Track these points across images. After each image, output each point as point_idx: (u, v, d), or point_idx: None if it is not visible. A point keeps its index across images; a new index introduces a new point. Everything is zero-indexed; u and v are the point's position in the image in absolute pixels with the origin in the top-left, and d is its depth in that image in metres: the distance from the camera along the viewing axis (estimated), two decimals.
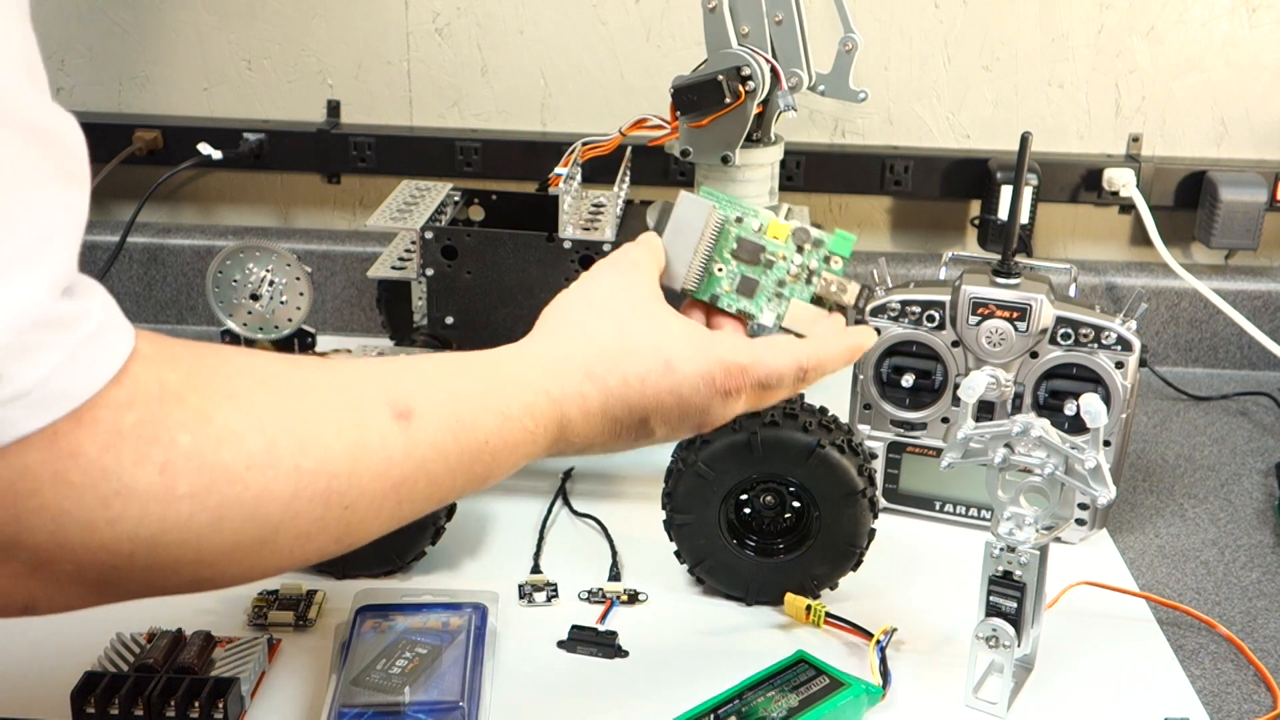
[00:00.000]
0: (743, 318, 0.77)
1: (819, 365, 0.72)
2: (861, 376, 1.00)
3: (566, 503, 1.01)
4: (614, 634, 0.84)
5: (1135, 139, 1.34)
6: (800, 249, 0.76)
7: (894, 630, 0.83)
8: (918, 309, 0.97)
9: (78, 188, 0.50)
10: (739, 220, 0.76)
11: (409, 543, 0.89)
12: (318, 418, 0.55)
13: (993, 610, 0.78)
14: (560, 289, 0.97)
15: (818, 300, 0.77)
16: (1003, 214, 1.29)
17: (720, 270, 0.76)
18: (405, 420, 0.58)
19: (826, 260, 0.76)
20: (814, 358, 0.72)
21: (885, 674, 0.80)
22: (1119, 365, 0.94)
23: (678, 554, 0.89)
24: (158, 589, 0.53)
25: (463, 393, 0.62)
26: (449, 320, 0.98)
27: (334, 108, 1.36)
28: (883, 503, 1.00)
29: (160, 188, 1.35)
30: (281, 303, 1.10)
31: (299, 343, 1.13)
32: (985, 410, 0.97)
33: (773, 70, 0.94)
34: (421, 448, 0.59)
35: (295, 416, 0.54)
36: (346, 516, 0.56)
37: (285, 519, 0.53)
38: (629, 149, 1.09)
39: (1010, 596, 0.77)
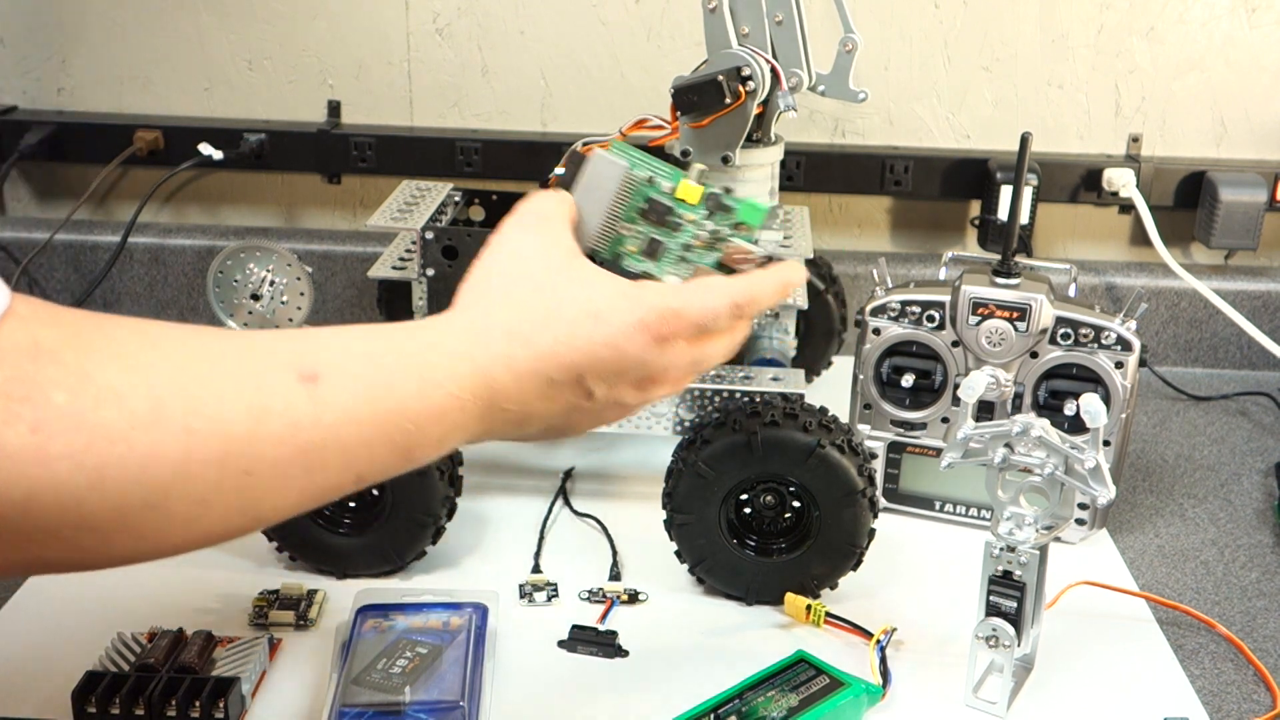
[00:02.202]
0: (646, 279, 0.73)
1: (752, 300, 0.69)
2: (861, 376, 1.00)
3: (567, 503, 1.02)
4: (614, 634, 0.85)
5: (1135, 139, 1.34)
6: (710, 214, 0.73)
7: (894, 630, 0.84)
8: (918, 309, 0.97)
9: None
10: (650, 180, 0.73)
11: (409, 542, 0.89)
12: (213, 379, 0.53)
13: (993, 610, 0.78)
14: None
15: (723, 268, 0.74)
16: (1003, 214, 1.29)
17: (627, 230, 0.73)
18: (311, 383, 0.55)
19: (735, 228, 0.74)
20: (746, 293, 0.69)
21: (885, 674, 0.80)
22: (1119, 365, 0.94)
23: (678, 554, 0.89)
24: (41, 558, 0.50)
25: (377, 356, 0.59)
26: None
27: (334, 108, 1.36)
28: (883, 503, 1.00)
29: (161, 188, 1.35)
30: (282, 303, 1.10)
31: None
32: (985, 410, 0.97)
33: (773, 70, 0.94)
34: (331, 411, 0.56)
35: (187, 377, 0.52)
36: (248, 484, 0.53)
37: (176, 483, 0.51)
38: None
39: (1010, 596, 0.78)
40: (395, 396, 0.58)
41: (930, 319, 0.97)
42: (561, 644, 0.84)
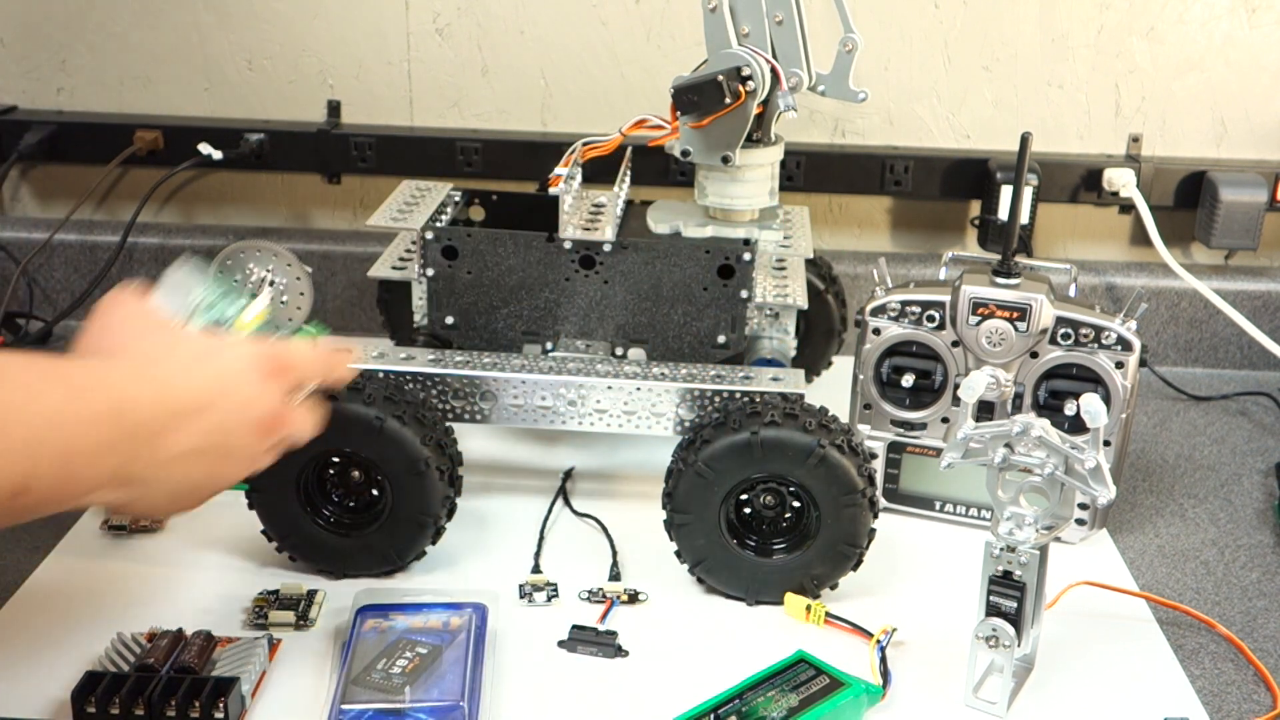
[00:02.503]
0: None
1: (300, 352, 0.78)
2: (861, 376, 1.00)
3: (567, 503, 1.02)
4: (614, 634, 0.84)
5: (1135, 139, 1.34)
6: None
7: (894, 630, 0.84)
8: (918, 309, 0.97)
9: None
10: (211, 305, 0.81)
11: (409, 542, 0.89)
12: None
13: (993, 610, 0.78)
14: (560, 289, 0.97)
15: None
16: (1003, 214, 1.29)
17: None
18: None
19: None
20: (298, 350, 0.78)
21: (885, 674, 0.80)
22: (1119, 365, 0.94)
23: (678, 554, 0.89)
24: None
25: (32, 370, 0.64)
26: (449, 320, 0.99)
27: (334, 108, 1.36)
28: (883, 503, 1.00)
29: (161, 188, 1.35)
30: (282, 303, 1.10)
31: None
32: (985, 410, 0.97)
33: (773, 70, 0.94)
34: None
35: None
36: None
37: None
38: (629, 149, 1.09)
39: (1010, 596, 0.78)
40: (48, 403, 0.63)
41: (930, 319, 0.97)
42: (561, 644, 0.84)
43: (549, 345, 0.99)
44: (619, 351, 0.98)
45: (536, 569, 0.92)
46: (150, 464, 0.68)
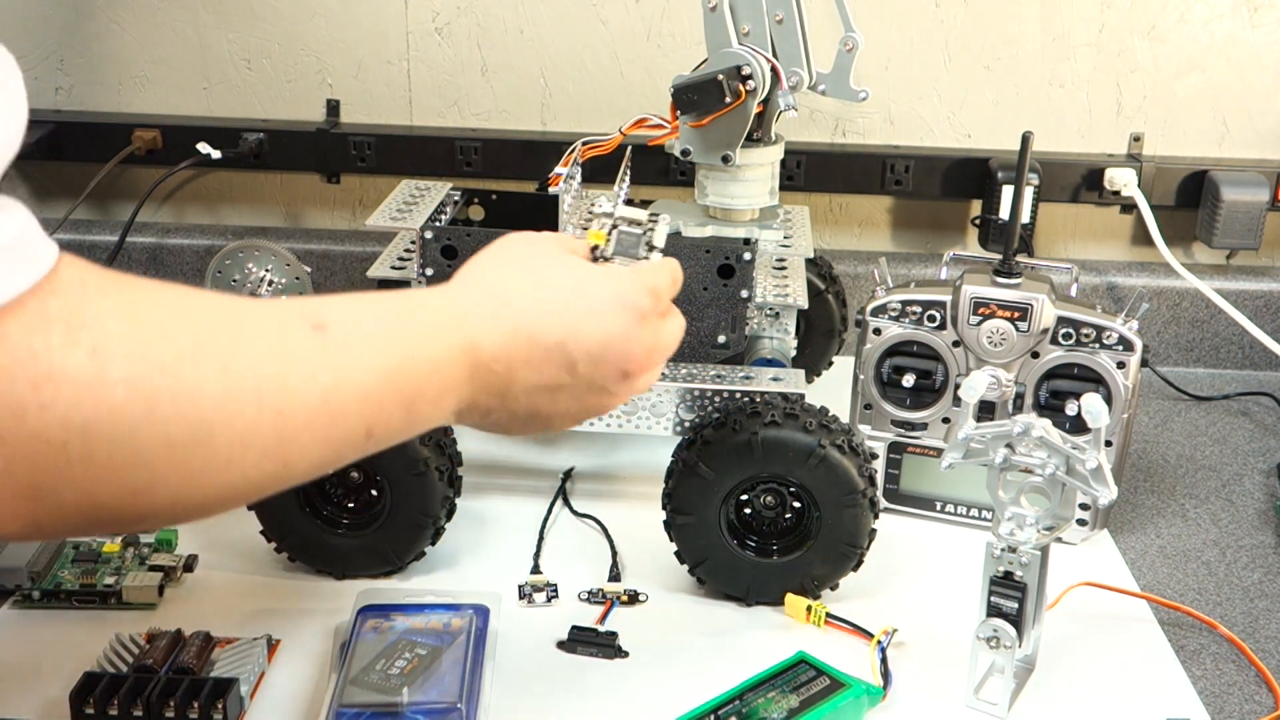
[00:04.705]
0: None
1: (671, 270, 0.75)
2: (862, 376, 1.00)
3: (566, 503, 1.01)
4: (614, 634, 0.84)
5: (1136, 138, 1.34)
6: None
7: (894, 630, 0.83)
8: (918, 309, 0.97)
9: (3, 113, 0.50)
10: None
11: (409, 543, 0.89)
12: (241, 326, 0.56)
13: (994, 611, 0.78)
14: None
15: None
16: (1004, 214, 1.28)
17: None
18: (321, 331, 0.58)
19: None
20: (670, 268, 0.75)
21: (886, 674, 0.80)
22: (1120, 365, 0.94)
23: (678, 554, 0.89)
24: (94, 499, 0.51)
25: (376, 311, 0.62)
26: None
27: (334, 107, 1.36)
28: (883, 503, 1.00)
29: (160, 187, 1.35)
30: None
31: None
32: (986, 410, 0.97)
33: (773, 70, 0.94)
34: (341, 357, 0.59)
35: (220, 322, 0.55)
36: (280, 424, 0.55)
37: (219, 417, 0.52)
38: (629, 149, 1.08)
39: (1011, 597, 0.77)
40: (395, 346, 0.61)
41: (931, 319, 0.97)
42: (561, 645, 0.84)
43: None
44: None
45: (536, 569, 0.92)
46: (502, 396, 0.67)
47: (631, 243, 0.77)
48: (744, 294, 0.96)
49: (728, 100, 0.92)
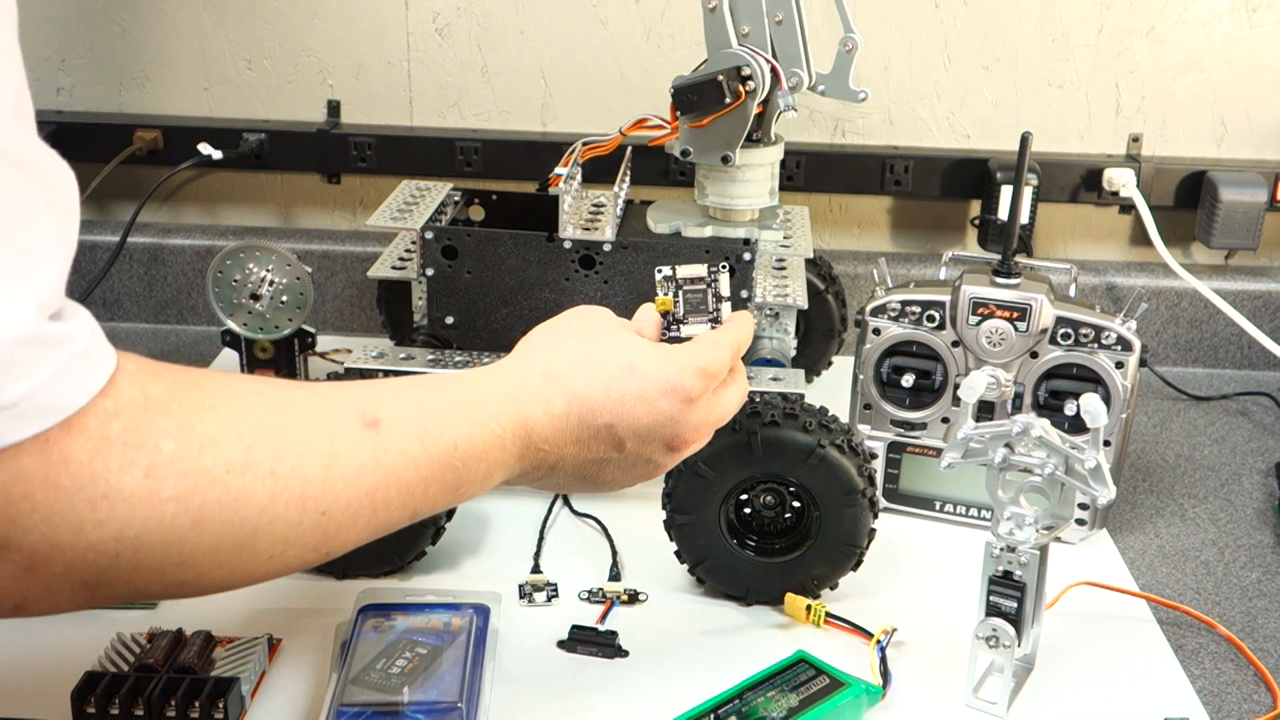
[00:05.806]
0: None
1: (736, 334, 0.76)
2: (861, 376, 1.00)
3: (567, 503, 1.01)
4: (614, 634, 0.84)
5: (1135, 139, 1.34)
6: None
7: (894, 630, 0.83)
8: (918, 309, 0.97)
9: (67, 220, 0.53)
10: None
11: (410, 543, 0.89)
12: (292, 428, 0.58)
13: (993, 610, 0.78)
14: (560, 289, 0.97)
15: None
16: (1003, 214, 1.29)
17: None
18: (374, 429, 0.61)
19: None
20: (739, 335, 0.76)
21: (885, 674, 0.80)
22: (1119, 365, 0.94)
23: (678, 554, 0.89)
24: (142, 591, 0.55)
25: (430, 404, 0.65)
26: (449, 320, 0.98)
27: (334, 108, 1.36)
28: (883, 503, 1.00)
29: (160, 188, 1.35)
30: (282, 303, 1.10)
31: (299, 342, 1.13)
32: (985, 410, 0.97)
33: (773, 70, 0.94)
34: (391, 454, 0.61)
35: (271, 426, 0.57)
36: (323, 523, 0.59)
37: (263, 523, 0.56)
38: (629, 149, 1.09)
39: (1010, 596, 0.77)
40: (446, 438, 0.64)
41: (930, 319, 0.97)
42: (561, 644, 0.84)
43: None
44: None
45: (536, 569, 0.92)
46: (550, 470, 0.70)
47: (699, 300, 0.78)
48: (744, 294, 0.96)
49: (727, 101, 0.92)
